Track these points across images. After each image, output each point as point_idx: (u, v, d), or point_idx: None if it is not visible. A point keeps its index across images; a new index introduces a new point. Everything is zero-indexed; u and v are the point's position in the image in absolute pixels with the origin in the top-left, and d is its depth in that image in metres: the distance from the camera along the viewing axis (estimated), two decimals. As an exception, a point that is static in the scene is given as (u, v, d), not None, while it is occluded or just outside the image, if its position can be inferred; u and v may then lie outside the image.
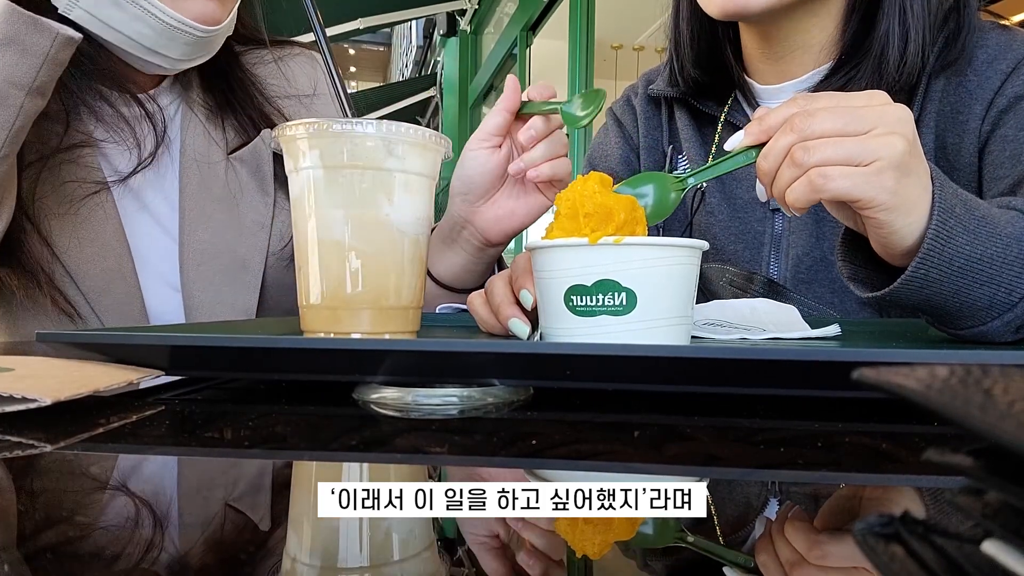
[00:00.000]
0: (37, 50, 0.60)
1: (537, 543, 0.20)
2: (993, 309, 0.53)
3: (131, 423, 0.34)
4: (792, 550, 0.19)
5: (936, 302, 0.53)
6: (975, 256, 0.51)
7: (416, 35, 8.86)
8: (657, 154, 0.97)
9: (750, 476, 0.26)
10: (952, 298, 0.52)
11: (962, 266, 0.51)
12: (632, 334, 0.43)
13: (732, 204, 0.89)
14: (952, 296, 0.52)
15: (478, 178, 0.67)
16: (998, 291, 0.52)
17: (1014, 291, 0.53)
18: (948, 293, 0.52)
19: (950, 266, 0.51)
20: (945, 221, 0.50)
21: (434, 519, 0.23)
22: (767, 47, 0.85)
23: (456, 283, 0.76)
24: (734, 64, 0.88)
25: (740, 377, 0.37)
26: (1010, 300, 0.53)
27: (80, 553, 0.18)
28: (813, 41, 0.82)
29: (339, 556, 0.21)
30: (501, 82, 6.10)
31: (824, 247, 0.83)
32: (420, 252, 0.49)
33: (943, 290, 0.52)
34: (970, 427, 0.14)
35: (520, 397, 0.39)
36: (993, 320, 0.54)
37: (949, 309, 0.54)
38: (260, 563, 0.18)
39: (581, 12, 4.04)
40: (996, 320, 0.54)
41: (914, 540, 0.17)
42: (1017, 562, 0.15)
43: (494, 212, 0.69)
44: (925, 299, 0.53)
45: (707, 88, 0.88)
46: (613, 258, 0.43)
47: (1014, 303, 0.53)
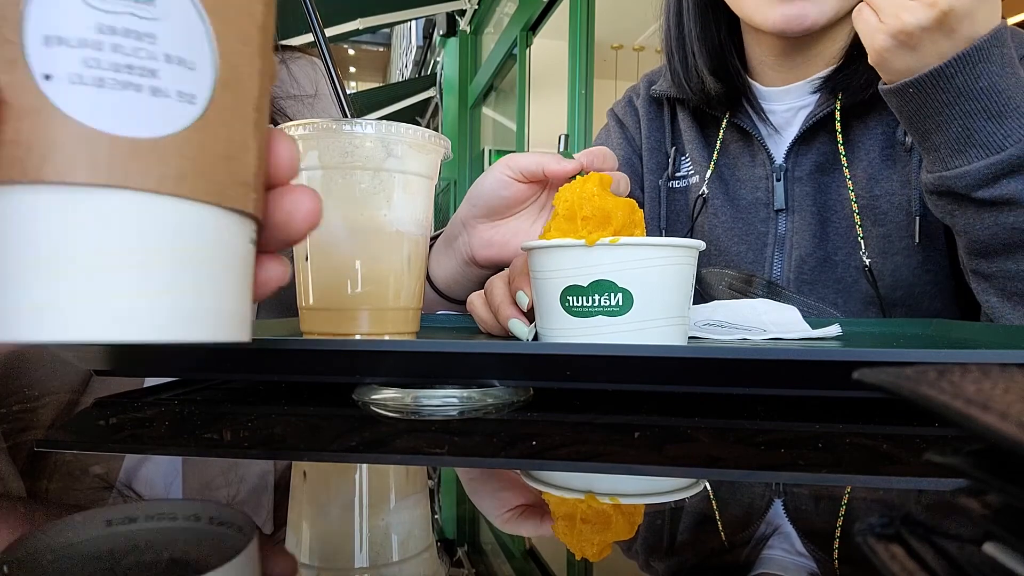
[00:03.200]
0: None
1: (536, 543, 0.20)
2: (988, 147, 0.59)
3: (130, 423, 0.34)
4: (792, 550, 0.19)
5: (943, 118, 0.59)
6: (997, 87, 0.58)
7: (416, 35, 8.87)
8: (660, 155, 0.97)
9: (751, 477, 0.26)
10: (959, 120, 0.59)
11: (984, 88, 0.58)
12: (628, 335, 0.43)
13: (735, 205, 0.89)
14: (960, 118, 0.59)
15: (489, 196, 0.65)
16: (999, 129, 0.58)
17: (1010, 136, 0.58)
18: (958, 114, 0.59)
19: (975, 83, 0.58)
20: (986, 51, 0.57)
21: (434, 519, 0.23)
22: (787, 56, 0.85)
23: (449, 291, 0.76)
24: (740, 68, 0.88)
25: (740, 377, 0.37)
26: (1004, 144, 0.58)
27: (79, 554, 0.18)
28: (835, 47, 0.81)
29: (339, 556, 0.21)
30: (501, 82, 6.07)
31: (828, 247, 0.83)
32: (420, 253, 0.49)
33: (956, 107, 0.59)
34: (970, 428, 0.14)
35: (520, 398, 0.39)
36: (981, 160, 0.59)
37: (950, 133, 0.60)
38: (260, 563, 0.18)
39: (581, 12, 4.04)
40: (983, 161, 0.59)
41: (915, 541, 0.17)
42: (1018, 563, 0.15)
43: (491, 235, 0.67)
44: (936, 111, 0.59)
45: (719, 96, 0.87)
46: (609, 259, 0.43)
47: (1005, 147, 0.58)
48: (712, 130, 0.93)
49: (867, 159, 0.81)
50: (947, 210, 0.65)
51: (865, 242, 0.81)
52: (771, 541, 0.20)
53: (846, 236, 0.83)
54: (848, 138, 0.82)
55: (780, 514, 0.23)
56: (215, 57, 0.25)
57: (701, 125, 0.94)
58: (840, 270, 0.83)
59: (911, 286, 0.80)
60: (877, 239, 0.80)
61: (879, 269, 0.80)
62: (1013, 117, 0.58)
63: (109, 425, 0.34)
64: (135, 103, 0.23)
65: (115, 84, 0.23)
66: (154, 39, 0.23)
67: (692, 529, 0.21)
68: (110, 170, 0.23)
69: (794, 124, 0.86)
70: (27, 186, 0.23)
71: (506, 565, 0.19)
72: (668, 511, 0.23)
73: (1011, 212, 0.60)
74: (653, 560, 0.19)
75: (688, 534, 0.21)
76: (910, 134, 0.65)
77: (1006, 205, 0.60)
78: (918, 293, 0.80)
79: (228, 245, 0.26)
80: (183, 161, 0.24)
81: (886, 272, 0.80)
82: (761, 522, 0.22)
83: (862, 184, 0.81)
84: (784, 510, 0.23)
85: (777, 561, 0.18)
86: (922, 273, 0.79)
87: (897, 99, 0.62)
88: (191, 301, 0.25)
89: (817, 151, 0.84)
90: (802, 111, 0.86)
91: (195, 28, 0.24)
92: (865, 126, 0.81)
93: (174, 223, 0.24)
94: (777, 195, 0.86)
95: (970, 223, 0.63)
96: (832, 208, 0.83)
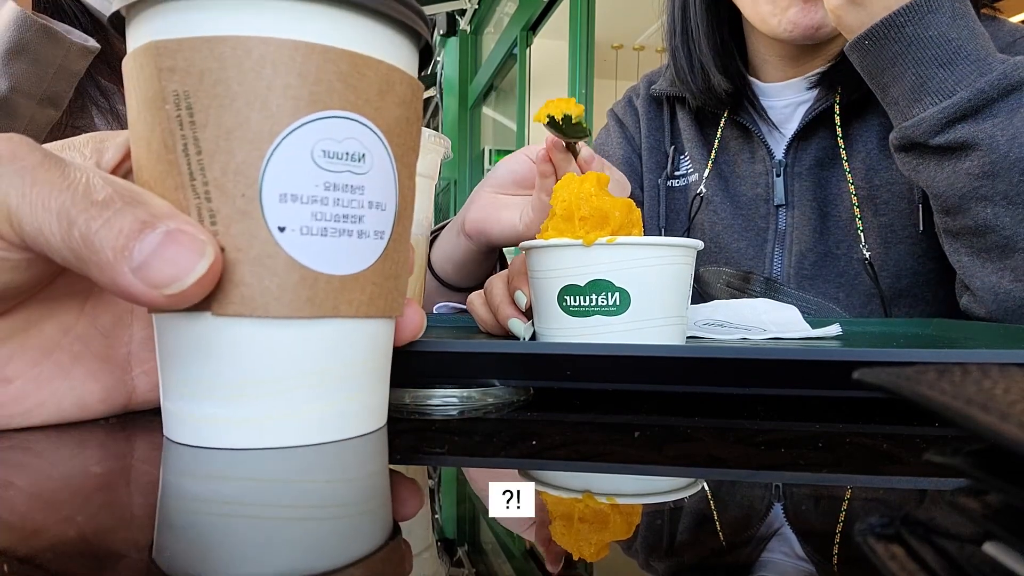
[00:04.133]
0: (49, 60, 0.60)
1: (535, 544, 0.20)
2: (940, 93, 0.61)
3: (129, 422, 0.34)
4: (792, 550, 0.19)
5: (897, 70, 0.62)
6: (947, 36, 0.60)
7: (416, 35, 8.84)
8: (659, 154, 0.97)
9: (751, 477, 0.26)
10: (912, 70, 0.62)
11: (934, 37, 0.60)
12: (625, 334, 0.43)
13: (735, 202, 0.89)
14: (913, 67, 0.62)
15: (503, 168, 0.69)
16: (950, 76, 0.60)
17: (961, 82, 0.60)
18: (911, 63, 0.61)
19: (925, 31, 0.60)
20: (936, 1, 0.60)
21: (434, 519, 0.23)
22: (791, 55, 0.85)
23: (442, 272, 0.77)
24: (741, 67, 0.88)
25: (740, 377, 0.37)
26: (955, 89, 0.60)
27: (79, 554, 0.18)
28: (836, 45, 0.82)
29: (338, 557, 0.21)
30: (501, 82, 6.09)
31: (828, 242, 0.83)
32: (420, 252, 0.49)
33: (908, 56, 0.61)
34: (970, 427, 0.14)
35: (520, 398, 0.39)
36: (934, 106, 0.61)
37: (905, 83, 0.63)
38: (258, 563, 0.18)
39: (581, 12, 4.04)
40: (936, 107, 0.61)
41: (915, 541, 0.17)
42: (1018, 563, 0.15)
43: (486, 202, 0.69)
44: (891, 62, 0.62)
45: (722, 93, 0.87)
46: (606, 258, 0.43)
47: (954, 92, 0.60)
48: (711, 128, 0.93)
49: (866, 150, 0.81)
50: (911, 165, 0.66)
51: (865, 234, 0.81)
52: (770, 541, 0.20)
53: (847, 230, 0.83)
54: (847, 131, 0.82)
55: (780, 514, 0.23)
56: (396, 196, 0.29)
57: (700, 123, 0.94)
58: (842, 264, 0.83)
59: (915, 275, 0.80)
60: (878, 230, 0.81)
61: (881, 261, 0.80)
62: (964, 64, 0.60)
63: (108, 424, 0.34)
64: (347, 246, 0.27)
65: (335, 232, 0.26)
66: (363, 190, 0.27)
67: (692, 529, 0.21)
68: (325, 304, 0.27)
69: (793, 120, 0.87)
70: (254, 319, 0.26)
71: (506, 565, 0.19)
72: (668, 511, 0.23)
73: (966, 158, 0.61)
74: (653, 560, 0.19)
75: (688, 534, 0.21)
76: (875, 93, 0.67)
77: (961, 150, 0.61)
78: (922, 282, 0.80)
79: (388, 347, 0.31)
80: (373, 288, 0.28)
81: (889, 263, 0.80)
82: (761, 522, 0.22)
83: (861, 175, 0.81)
84: (784, 510, 0.23)
85: (776, 560, 0.18)
86: (926, 261, 0.79)
87: (858, 55, 0.65)
88: (365, 399, 0.29)
89: (816, 146, 0.84)
90: (801, 107, 0.86)
91: (389, 175, 0.28)
92: (863, 119, 0.82)
93: (364, 339, 0.29)
94: (777, 190, 0.86)
95: (931, 175, 0.64)
96: (832, 202, 0.84)
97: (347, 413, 0.29)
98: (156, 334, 0.28)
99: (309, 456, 0.27)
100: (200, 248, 0.24)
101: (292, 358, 0.27)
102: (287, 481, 0.25)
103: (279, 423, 0.27)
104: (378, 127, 0.27)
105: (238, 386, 0.26)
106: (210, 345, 0.26)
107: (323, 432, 0.28)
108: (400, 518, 0.22)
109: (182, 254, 0.23)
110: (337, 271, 0.27)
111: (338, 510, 0.23)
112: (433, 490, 0.27)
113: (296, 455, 0.27)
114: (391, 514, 0.23)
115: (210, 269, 0.24)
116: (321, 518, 0.22)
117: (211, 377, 0.26)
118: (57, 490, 0.24)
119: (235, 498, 0.24)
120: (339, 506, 0.24)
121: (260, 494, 0.24)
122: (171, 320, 0.27)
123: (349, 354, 0.28)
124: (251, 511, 0.22)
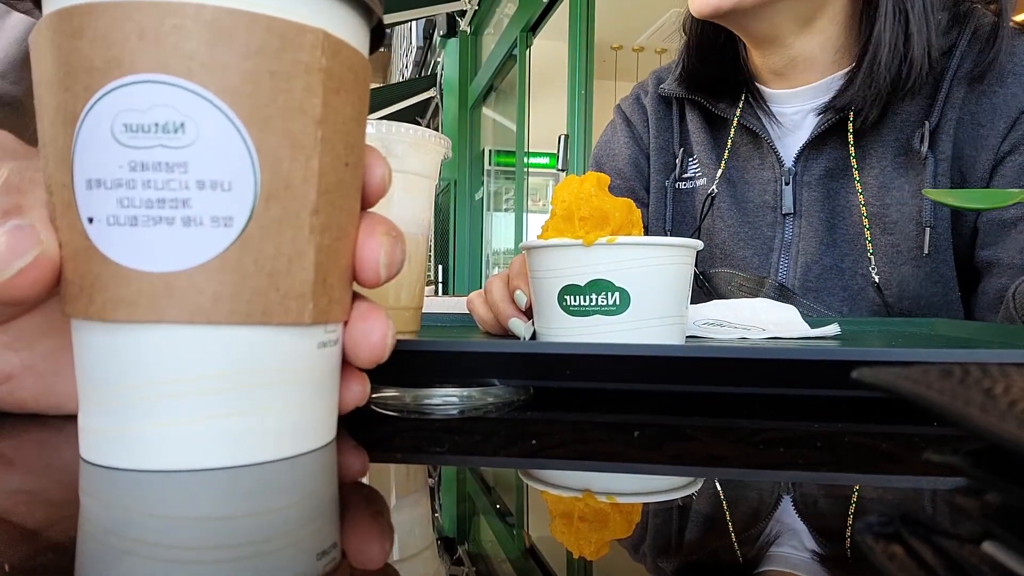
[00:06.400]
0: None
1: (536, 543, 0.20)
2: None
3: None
4: (791, 549, 0.19)
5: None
6: None
7: (416, 36, 8.87)
8: (667, 156, 0.96)
9: (750, 476, 0.26)
10: None
11: None
12: (625, 334, 0.43)
13: (742, 209, 0.88)
14: None
15: None
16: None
17: None
18: None
19: None
20: None
21: (434, 519, 0.23)
22: (764, 60, 0.84)
23: None
24: (744, 66, 0.88)
25: (740, 377, 0.37)
26: None
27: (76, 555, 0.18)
28: (815, 52, 0.80)
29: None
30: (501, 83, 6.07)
31: (835, 254, 0.82)
32: (420, 252, 0.49)
33: None
34: (970, 427, 0.14)
35: (520, 397, 0.39)
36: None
37: None
38: (258, 563, 0.18)
39: (581, 13, 4.04)
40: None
41: (914, 540, 0.17)
42: (1018, 563, 0.15)
43: None
44: None
45: (716, 87, 0.87)
46: (606, 258, 0.43)
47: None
48: (722, 132, 0.92)
49: (879, 166, 0.80)
50: None
51: (874, 251, 0.80)
52: (770, 540, 0.20)
53: (854, 244, 0.81)
54: (860, 144, 0.80)
55: (779, 513, 0.23)
56: (256, 172, 0.24)
57: (711, 127, 0.93)
58: (847, 278, 0.82)
59: (917, 297, 0.79)
60: (885, 248, 0.79)
61: (886, 278, 0.79)
62: None
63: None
64: (167, 238, 0.23)
65: (148, 221, 0.23)
66: (185, 167, 0.23)
67: (692, 528, 0.21)
68: (146, 308, 0.23)
69: (804, 127, 0.85)
70: (83, 321, 0.24)
71: (506, 564, 0.19)
72: (668, 510, 0.23)
73: None
74: (652, 559, 0.19)
75: (688, 533, 0.21)
76: None
77: None
78: (924, 305, 0.79)
79: (285, 360, 0.25)
80: (219, 287, 0.23)
81: (893, 282, 0.79)
82: (760, 521, 0.22)
83: (873, 191, 0.80)
84: (783, 509, 0.23)
85: (776, 560, 0.19)
86: (929, 284, 0.78)
87: None
88: (249, 422, 0.25)
89: (828, 156, 0.83)
90: (811, 114, 0.85)
91: (231, 146, 0.23)
92: (878, 133, 0.80)
93: (216, 350, 0.24)
94: (785, 199, 0.84)
95: None
96: (841, 215, 0.82)
97: (234, 431, 0.24)
98: None
99: (172, 483, 0.23)
100: (32, 243, 0.23)
101: (143, 365, 0.23)
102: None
103: (133, 438, 0.24)
104: (208, 88, 0.22)
105: (103, 392, 0.24)
106: (75, 347, 0.25)
107: (208, 455, 0.24)
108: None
109: (11, 247, 0.23)
110: (156, 267, 0.23)
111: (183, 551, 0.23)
112: (433, 489, 0.27)
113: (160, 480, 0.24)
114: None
115: (34, 261, 0.23)
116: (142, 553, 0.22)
117: (80, 382, 0.25)
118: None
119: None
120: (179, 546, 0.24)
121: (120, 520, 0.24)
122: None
123: (213, 365, 0.24)
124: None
